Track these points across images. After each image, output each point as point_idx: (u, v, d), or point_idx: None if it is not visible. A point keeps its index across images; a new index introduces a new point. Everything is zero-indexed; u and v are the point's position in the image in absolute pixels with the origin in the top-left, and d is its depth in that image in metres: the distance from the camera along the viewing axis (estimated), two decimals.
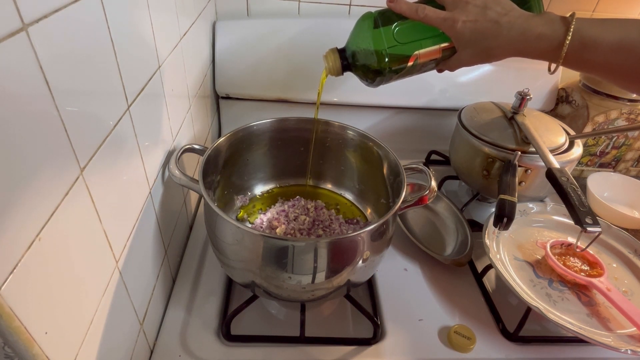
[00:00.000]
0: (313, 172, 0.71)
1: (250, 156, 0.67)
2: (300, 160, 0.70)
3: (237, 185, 0.68)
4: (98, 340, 0.36)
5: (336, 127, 0.65)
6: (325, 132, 0.66)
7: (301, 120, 0.66)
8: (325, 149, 0.68)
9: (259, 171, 0.70)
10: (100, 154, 0.35)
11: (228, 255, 0.51)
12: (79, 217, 0.32)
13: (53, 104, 0.28)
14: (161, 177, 0.53)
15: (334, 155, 0.69)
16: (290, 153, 0.69)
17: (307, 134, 0.66)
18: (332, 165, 0.71)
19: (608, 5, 0.92)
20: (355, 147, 0.66)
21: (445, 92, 0.92)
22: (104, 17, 0.35)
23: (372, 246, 0.49)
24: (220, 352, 0.52)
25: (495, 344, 0.56)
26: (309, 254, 0.46)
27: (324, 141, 0.67)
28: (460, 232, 0.73)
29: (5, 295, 0.24)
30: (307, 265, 0.46)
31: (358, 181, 0.70)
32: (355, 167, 0.69)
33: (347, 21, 0.89)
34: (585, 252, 0.63)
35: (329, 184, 0.73)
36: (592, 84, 0.88)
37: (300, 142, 0.68)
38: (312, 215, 0.66)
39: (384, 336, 0.56)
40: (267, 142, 0.67)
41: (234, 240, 0.49)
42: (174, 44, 0.56)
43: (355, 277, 0.52)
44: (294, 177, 0.73)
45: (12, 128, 0.24)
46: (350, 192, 0.72)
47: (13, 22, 0.24)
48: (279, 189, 0.72)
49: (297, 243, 0.47)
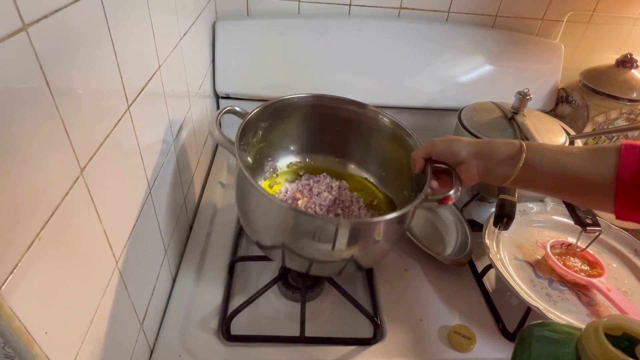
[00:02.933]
0: (342, 153, 0.73)
1: (284, 128, 0.68)
2: (331, 138, 0.71)
3: (268, 154, 0.70)
4: (98, 340, 0.36)
5: (370, 111, 0.66)
6: (359, 115, 0.67)
7: (337, 100, 0.66)
8: (358, 132, 0.69)
9: (291, 144, 0.72)
10: (100, 154, 0.35)
11: (251, 217, 0.54)
12: (79, 217, 0.32)
13: (53, 103, 0.28)
14: (162, 176, 0.53)
15: (365, 139, 0.70)
16: (323, 130, 0.70)
17: (342, 113, 0.67)
18: (361, 148, 0.72)
19: (608, 5, 0.92)
20: (386, 133, 0.66)
21: (445, 92, 0.92)
22: (104, 17, 0.35)
23: (388, 234, 0.51)
24: (220, 352, 0.52)
25: (495, 344, 0.56)
26: (329, 230, 0.48)
27: (358, 124, 0.68)
28: (460, 232, 0.73)
29: (5, 295, 0.24)
30: (325, 239, 0.48)
31: (384, 168, 0.71)
32: (383, 154, 0.69)
33: (347, 21, 0.90)
34: (585, 252, 0.63)
35: (355, 165, 0.74)
36: (592, 84, 0.88)
37: (335, 121, 0.69)
38: (335, 194, 0.67)
39: (384, 336, 0.56)
40: (302, 117, 0.68)
41: (257, 205, 0.52)
42: (174, 44, 0.56)
43: (366, 259, 0.53)
44: (323, 155, 0.74)
45: (12, 128, 0.24)
46: (375, 177, 0.72)
47: (13, 22, 0.24)
48: (307, 164, 0.74)
49: (316, 220, 0.50)
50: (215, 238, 0.68)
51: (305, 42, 0.87)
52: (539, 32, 0.96)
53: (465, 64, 0.91)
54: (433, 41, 0.89)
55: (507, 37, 0.91)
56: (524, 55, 0.92)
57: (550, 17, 0.94)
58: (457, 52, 0.90)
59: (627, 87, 0.85)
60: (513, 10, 0.93)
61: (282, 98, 0.63)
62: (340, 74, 0.88)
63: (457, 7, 0.91)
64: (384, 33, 0.88)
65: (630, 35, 0.98)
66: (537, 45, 0.93)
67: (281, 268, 0.62)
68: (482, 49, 0.91)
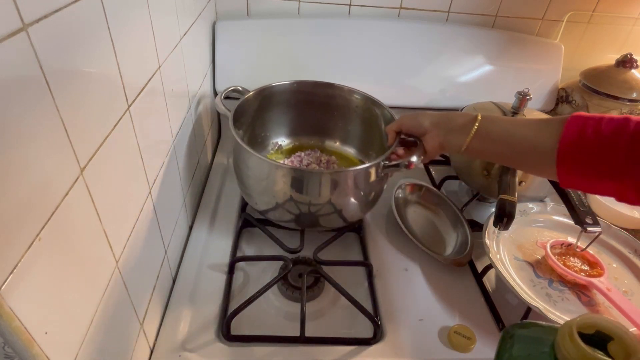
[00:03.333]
0: (329, 132, 0.83)
1: (274, 112, 0.78)
2: (317, 120, 0.81)
3: (261, 135, 0.80)
4: (98, 340, 0.36)
5: (345, 92, 0.76)
6: (338, 97, 0.77)
7: (316, 84, 0.77)
8: (340, 112, 0.79)
9: (282, 125, 0.81)
10: (100, 154, 0.35)
11: (246, 181, 0.64)
12: (79, 217, 0.32)
13: (53, 103, 0.28)
14: (161, 176, 0.53)
15: (347, 117, 0.79)
16: (308, 113, 0.80)
17: (321, 95, 0.78)
18: (344, 126, 0.81)
19: (608, 5, 0.92)
20: (362, 109, 0.76)
21: (445, 92, 0.92)
22: (104, 17, 0.35)
23: (361, 184, 0.61)
24: (220, 352, 0.52)
25: (495, 344, 0.56)
26: (314, 181, 0.58)
27: (337, 104, 0.78)
28: (460, 232, 0.73)
29: (5, 295, 0.24)
30: (312, 191, 0.58)
31: (365, 143, 0.80)
32: (363, 129, 0.79)
33: (347, 21, 0.90)
34: (585, 252, 0.63)
35: (339, 142, 0.84)
36: (592, 84, 0.88)
37: (318, 104, 0.79)
38: (323, 166, 0.77)
39: (384, 336, 0.56)
40: (287, 102, 0.78)
41: (250, 167, 0.62)
42: (174, 44, 0.56)
43: (348, 210, 0.63)
44: (311, 135, 0.84)
45: (12, 128, 0.24)
46: (360, 152, 0.81)
47: (13, 22, 0.24)
48: (296, 146, 0.83)
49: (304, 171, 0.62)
50: (215, 238, 0.68)
51: (305, 42, 0.87)
52: (539, 32, 0.96)
53: (465, 64, 0.91)
54: (433, 41, 0.90)
55: (507, 37, 0.91)
56: (524, 55, 0.92)
57: (550, 17, 0.94)
58: (457, 52, 0.90)
59: (627, 87, 0.85)
60: (513, 10, 0.93)
61: (268, 85, 0.73)
62: (340, 74, 0.88)
63: (457, 7, 0.91)
64: (384, 33, 0.88)
65: (630, 35, 0.98)
66: (537, 45, 0.93)
67: (281, 268, 0.62)
68: (482, 49, 0.91)
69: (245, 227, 0.71)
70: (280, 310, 0.59)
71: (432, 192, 0.79)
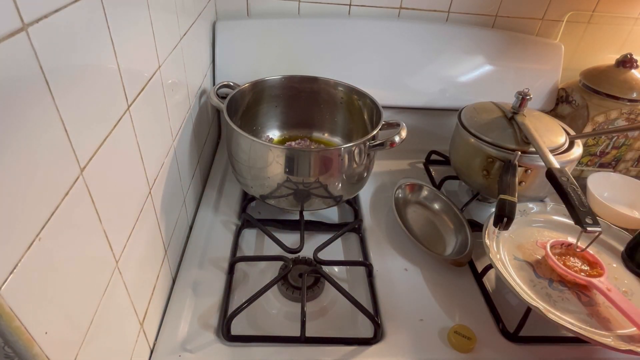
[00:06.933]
0: (319, 125, 0.87)
1: (265, 105, 0.82)
2: (306, 113, 0.85)
3: (253, 129, 0.84)
4: (98, 340, 0.36)
5: (330, 85, 0.81)
6: (322, 90, 0.82)
7: (303, 79, 0.81)
8: (326, 104, 0.84)
9: (273, 119, 0.85)
10: (100, 153, 0.35)
11: (240, 165, 0.67)
12: (79, 217, 0.32)
13: (53, 103, 0.28)
14: (161, 176, 0.53)
15: (330, 108, 0.84)
16: (297, 106, 0.84)
17: (308, 91, 0.82)
18: (331, 117, 0.85)
19: (608, 5, 0.92)
20: (344, 99, 0.81)
21: (445, 92, 0.92)
22: (104, 17, 0.35)
23: (347, 162, 0.64)
24: (220, 352, 0.52)
25: (495, 344, 0.56)
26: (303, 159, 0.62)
27: (322, 97, 0.83)
28: (460, 232, 0.73)
29: (5, 295, 0.24)
30: (302, 169, 0.62)
31: (349, 130, 0.84)
32: (346, 116, 0.83)
33: (347, 21, 0.90)
34: (585, 252, 0.63)
35: (327, 133, 0.88)
36: (592, 84, 0.88)
37: (306, 97, 0.83)
38: None
39: (384, 336, 0.56)
40: (277, 96, 0.82)
41: (243, 150, 0.65)
42: (174, 44, 0.56)
43: (337, 188, 0.66)
44: (302, 129, 0.88)
45: (12, 128, 0.24)
46: (347, 141, 0.85)
47: (13, 22, 0.24)
48: (288, 137, 0.88)
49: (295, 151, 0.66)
50: (215, 238, 0.68)
51: (305, 42, 0.87)
52: (539, 32, 0.96)
53: (465, 64, 0.91)
54: (433, 41, 0.89)
55: (507, 37, 0.91)
56: (524, 55, 0.92)
57: (550, 17, 0.94)
58: (457, 52, 0.90)
59: (627, 87, 0.85)
60: (513, 10, 0.93)
61: (260, 80, 0.78)
62: (340, 74, 0.88)
63: (457, 7, 0.91)
64: (384, 33, 0.88)
65: (630, 35, 0.98)
66: (537, 45, 0.93)
67: (281, 268, 0.62)
68: (482, 49, 0.91)
69: (245, 227, 0.71)
70: (281, 310, 0.59)
71: (432, 192, 0.79)
